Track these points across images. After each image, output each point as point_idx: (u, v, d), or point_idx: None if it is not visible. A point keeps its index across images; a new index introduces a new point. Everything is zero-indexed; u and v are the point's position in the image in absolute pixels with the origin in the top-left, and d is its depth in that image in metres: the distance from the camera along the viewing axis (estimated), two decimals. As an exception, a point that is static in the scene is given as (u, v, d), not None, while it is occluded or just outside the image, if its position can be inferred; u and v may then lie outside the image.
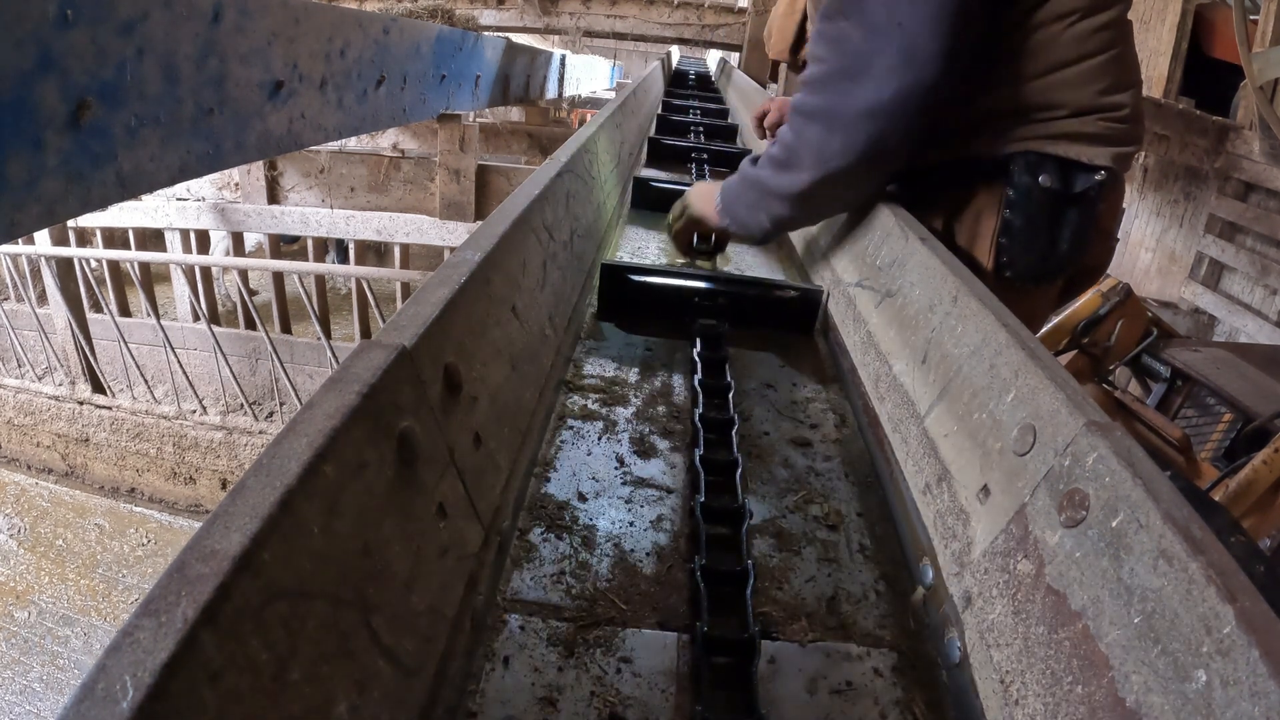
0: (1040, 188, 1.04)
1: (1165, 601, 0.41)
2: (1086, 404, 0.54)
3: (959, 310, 0.78)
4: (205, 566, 0.32)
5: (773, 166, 1.10)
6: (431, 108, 3.35)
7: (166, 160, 1.52)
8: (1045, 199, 1.04)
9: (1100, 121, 1.04)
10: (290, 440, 0.40)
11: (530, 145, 5.57)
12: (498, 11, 5.52)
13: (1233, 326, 4.74)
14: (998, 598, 0.54)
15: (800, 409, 0.98)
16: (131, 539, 4.31)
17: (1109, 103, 1.04)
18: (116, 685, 0.27)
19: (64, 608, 4.02)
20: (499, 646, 0.56)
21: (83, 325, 4.68)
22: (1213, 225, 5.06)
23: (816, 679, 0.57)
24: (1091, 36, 1.02)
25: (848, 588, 0.67)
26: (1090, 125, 1.03)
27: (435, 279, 0.64)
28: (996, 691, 0.51)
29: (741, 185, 1.19)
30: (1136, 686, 0.40)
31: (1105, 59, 1.03)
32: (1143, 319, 2.67)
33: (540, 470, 0.77)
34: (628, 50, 12.77)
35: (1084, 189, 1.04)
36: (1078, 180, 1.04)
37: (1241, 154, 4.70)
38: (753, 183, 1.16)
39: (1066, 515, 0.50)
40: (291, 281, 5.17)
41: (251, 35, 1.74)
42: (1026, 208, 1.05)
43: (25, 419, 4.90)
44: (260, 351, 4.89)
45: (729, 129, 3.03)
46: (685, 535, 0.71)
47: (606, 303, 1.18)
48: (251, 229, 4.69)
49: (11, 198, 1.15)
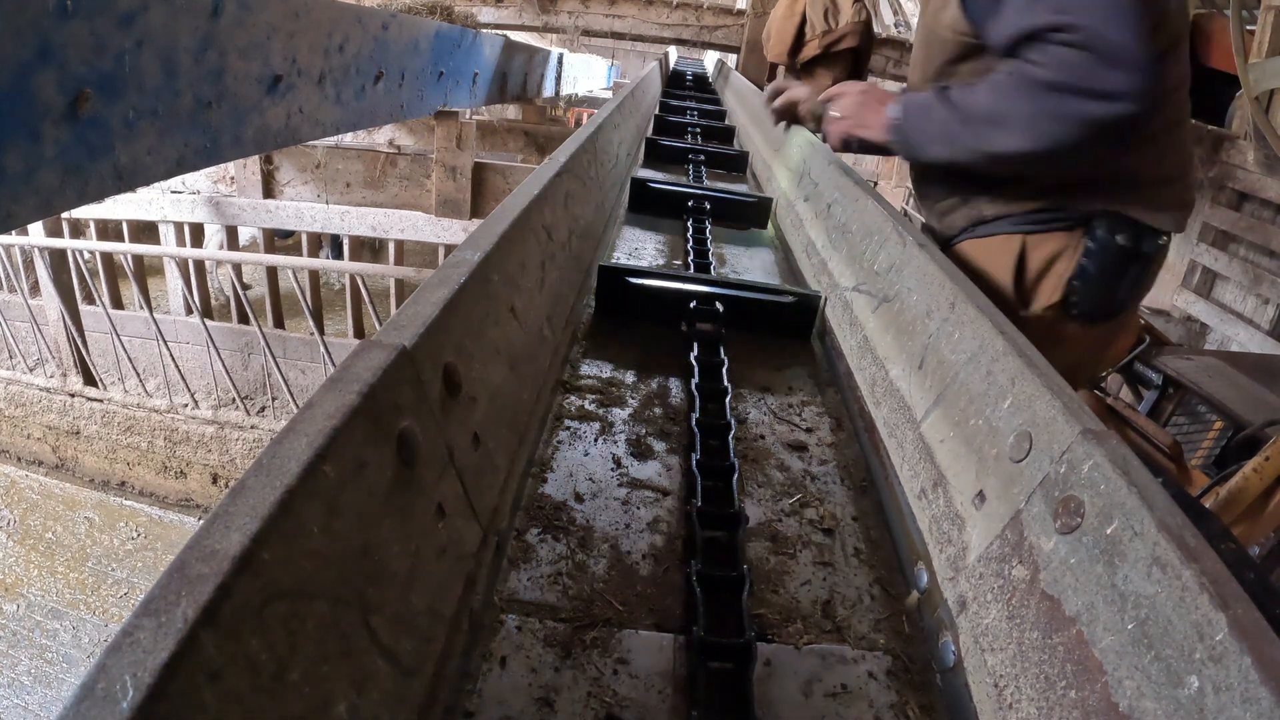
0: (1116, 244, 1.15)
1: (1159, 608, 0.41)
2: (1082, 412, 0.55)
3: (956, 316, 0.78)
4: (205, 566, 0.32)
5: (980, 116, 1.07)
6: (429, 104, 3.34)
7: (164, 153, 1.51)
8: (1119, 254, 1.16)
9: (1169, 191, 1.16)
10: (290, 440, 0.40)
11: (527, 143, 5.56)
12: (496, 9, 5.51)
13: (1225, 335, 4.77)
14: (992, 603, 0.54)
15: (796, 413, 0.98)
16: (122, 533, 4.29)
17: (1178, 173, 1.17)
18: (116, 685, 0.27)
19: (53, 601, 3.99)
20: (496, 646, 0.56)
21: (75, 317, 4.65)
22: (1206, 234, 5.09)
23: (811, 682, 0.57)
24: (1173, 112, 1.13)
25: (843, 591, 0.67)
26: (1162, 194, 1.15)
27: (435, 279, 0.64)
28: (991, 695, 0.51)
29: (930, 117, 1.15)
30: (1130, 692, 0.41)
31: (1179, 133, 1.15)
32: (1135, 327, 2.68)
33: (538, 471, 0.78)
34: (625, 50, 12.77)
35: (1150, 250, 1.17)
36: (1145, 241, 1.16)
37: (1236, 164, 4.73)
38: (948, 120, 1.12)
39: (1062, 521, 0.50)
40: (285, 276, 5.16)
41: (251, 29, 1.73)
42: (1102, 259, 1.16)
43: (16, 411, 4.87)
44: (253, 346, 4.87)
45: (726, 130, 3.03)
46: (681, 537, 0.71)
47: (604, 304, 1.18)
48: (246, 223, 4.67)
49: (8, 189, 1.14)
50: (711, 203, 1.82)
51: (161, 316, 4.69)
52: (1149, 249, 1.17)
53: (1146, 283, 1.23)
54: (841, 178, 1.43)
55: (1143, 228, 1.16)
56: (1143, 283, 1.22)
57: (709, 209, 1.80)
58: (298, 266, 4.60)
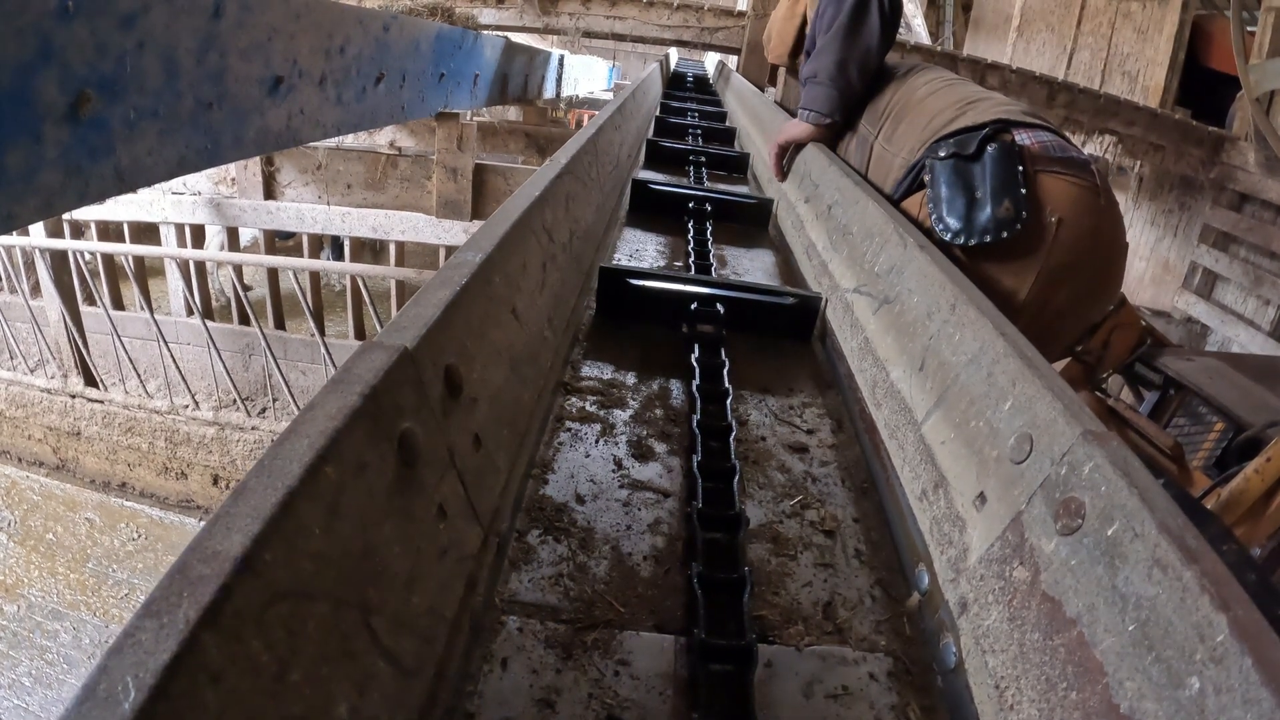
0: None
1: (1159, 609, 0.41)
2: (1083, 413, 0.55)
3: (957, 318, 0.78)
4: (207, 567, 0.32)
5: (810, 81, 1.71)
6: (430, 106, 3.34)
7: (165, 154, 1.51)
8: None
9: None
10: (292, 441, 0.40)
11: (528, 145, 5.56)
12: (497, 11, 5.51)
13: (1225, 336, 4.77)
14: (993, 604, 0.54)
15: (797, 414, 0.98)
16: (122, 534, 4.29)
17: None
18: (118, 686, 0.27)
19: (54, 602, 3.99)
20: (497, 648, 0.56)
21: (76, 318, 4.65)
22: (1207, 235, 5.09)
23: (812, 683, 0.57)
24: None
25: (844, 593, 0.67)
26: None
27: (436, 280, 0.64)
28: (991, 697, 0.51)
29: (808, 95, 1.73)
30: (1130, 693, 0.41)
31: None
32: (1136, 328, 2.68)
33: (539, 472, 0.78)
34: (626, 51, 12.78)
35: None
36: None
37: (1237, 165, 4.73)
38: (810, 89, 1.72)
39: (1062, 523, 0.50)
40: (286, 277, 5.16)
41: (252, 30, 1.74)
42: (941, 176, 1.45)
43: (17, 411, 4.87)
44: (254, 347, 4.87)
45: (727, 132, 3.03)
46: (683, 538, 0.71)
47: (605, 306, 1.18)
48: (247, 224, 4.66)
49: (9, 190, 1.14)
50: (712, 204, 1.82)
51: (162, 317, 4.69)
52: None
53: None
54: (842, 179, 1.43)
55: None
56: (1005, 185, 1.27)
57: (710, 210, 1.80)
58: (298, 268, 4.60)
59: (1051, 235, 1.25)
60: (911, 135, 1.47)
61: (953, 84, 1.54)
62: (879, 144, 1.58)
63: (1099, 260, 1.31)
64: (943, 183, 1.30)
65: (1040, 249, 1.25)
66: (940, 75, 1.61)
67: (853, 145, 1.71)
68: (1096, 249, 1.29)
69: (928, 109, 1.48)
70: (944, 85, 1.54)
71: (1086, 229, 1.27)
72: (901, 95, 1.59)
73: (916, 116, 1.49)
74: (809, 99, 1.73)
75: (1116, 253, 1.36)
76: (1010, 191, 1.24)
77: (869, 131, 1.63)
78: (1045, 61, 6.80)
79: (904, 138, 1.49)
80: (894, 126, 1.55)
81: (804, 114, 1.76)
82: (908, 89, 1.59)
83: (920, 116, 1.48)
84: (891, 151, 1.52)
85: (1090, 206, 1.27)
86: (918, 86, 1.58)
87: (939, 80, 1.57)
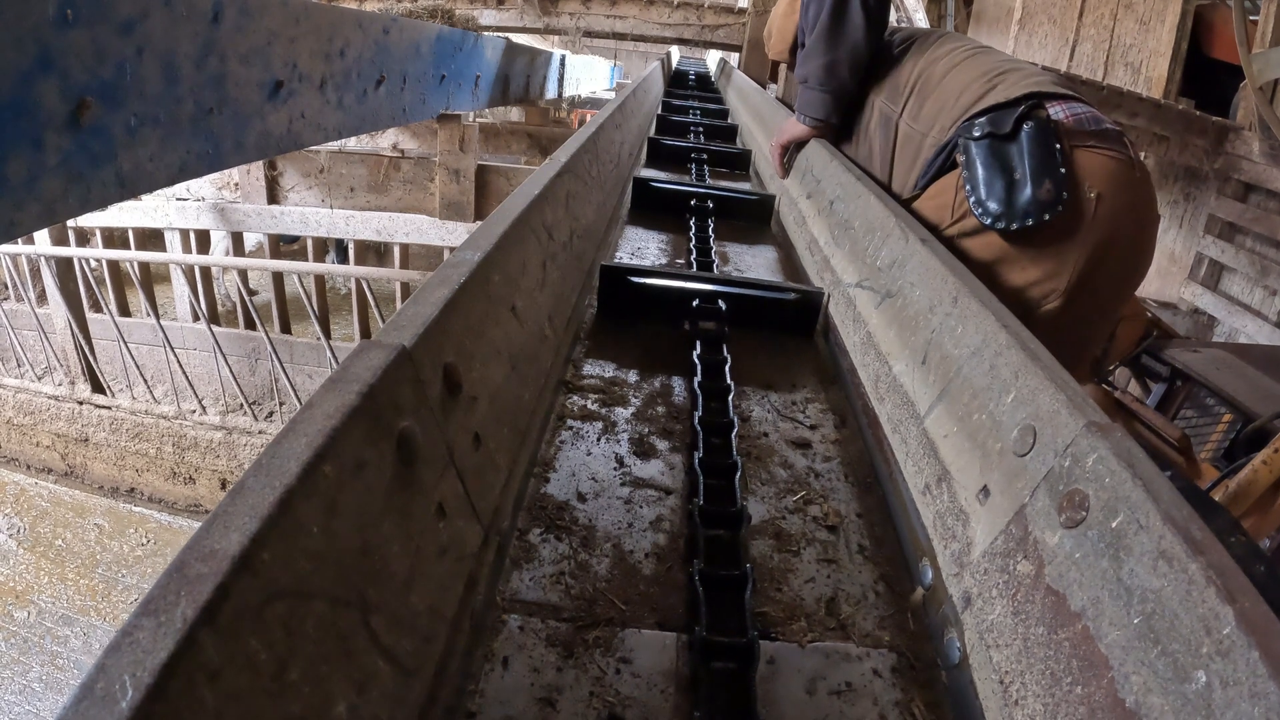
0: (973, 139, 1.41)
1: (1165, 602, 0.41)
2: (1087, 405, 0.54)
3: (959, 311, 0.78)
4: (204, 566, 0.32)
5: (802, 85, 1.72)
6: (431, 108, 3.34)
7: (166, 160, 1.51)
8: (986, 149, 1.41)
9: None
10: (290, 440, 0.40)
11: (530, 145, 5.56)
12: (497, 11, 5.52)
13: (1232, 327, 4.74)
14: (997, 598, 0.54)
15: (800, 410, 0.98)
16: (131, 539, 4.31)
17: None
18: (116, 685, 0.27)
19: (63, 607, 4.01)
20: (498, 647, 0.56)
21: (82, 325, 4.68)
22: (1212, 226, 5.06)
23: (816, 680, 0.57)
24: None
25: (847, 588, 0.67)
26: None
27: (435, 279, 0.64)
28: (996, 692, 0.51)
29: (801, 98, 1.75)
30: (1136, 687, 0.40)
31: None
32: (1142, 319, 2.67)
33: (540, 470, 0.77)
34: (627, 50, 12.78)
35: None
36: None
37: (1241, 155, 4.71)
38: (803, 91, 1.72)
39: (1066, 516, 0.50)
40: (291, 281, 5.17)
41: (251, 35, 1.74)
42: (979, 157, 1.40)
43: (25, 419, 4.90)
44: (260, 351, 4.89)
45: (729, 129, 3.02)
46: (684, 536, 0.71)
47: (606, 304, 1.18)
48: (251, 229, 4.68)
49: (11, 197, 1.15)
50: (714, 201, 1.82)
51: (168, 323, 4.71)
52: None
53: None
54: (843, 174, 1.42)
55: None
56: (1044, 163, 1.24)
57: (711, 207, 1.79)
58: (303, 271, 4.61)
59: (1091, 212, 1.22)
60: (940, 113, 1.42)
61: (974, 54, 1.49)
62: (904, 122, 1.52)
63: (1137, 234, 1.30)
64: (979, 164, 1.27)
65: (1081, 227, 1.23)
66: (960, 44, 1.56)
67: (874, 125, 1.63)
68: (1135, 223, 1.28)
69: (954, 84, 1.43)
70: (966, 56, 1.48)
71: (1124, 204, 1.24)
72: (923, 68, 1.53)
73: (943, 92, 1.44)
74: (803, 103, 1.72)
75: (1151, 225, 1.34)
76: (1050, 172, 1.21)
77: (892, 110, 1.56)
78: (1048, 54, 6.77)
79: (931, 115, 1.44)
80: (919, 103, 1.49)
81: (800, 118, 1.76)
82: (928, 60, 1.53)
83: (947, 92, 1.43)
84: (920, 131, 1.46)
85: (1127, 181, 1.25)
86: (939, 58, 1.52)
87: (960, 50, 1.52)
